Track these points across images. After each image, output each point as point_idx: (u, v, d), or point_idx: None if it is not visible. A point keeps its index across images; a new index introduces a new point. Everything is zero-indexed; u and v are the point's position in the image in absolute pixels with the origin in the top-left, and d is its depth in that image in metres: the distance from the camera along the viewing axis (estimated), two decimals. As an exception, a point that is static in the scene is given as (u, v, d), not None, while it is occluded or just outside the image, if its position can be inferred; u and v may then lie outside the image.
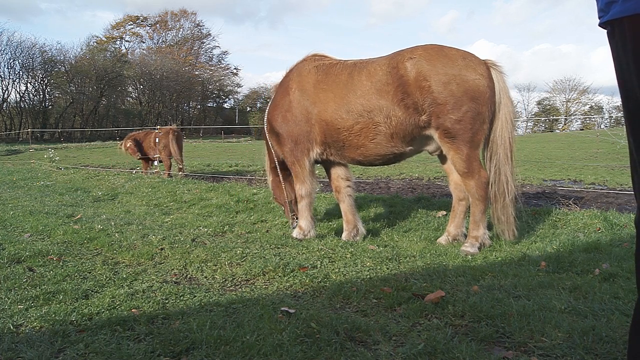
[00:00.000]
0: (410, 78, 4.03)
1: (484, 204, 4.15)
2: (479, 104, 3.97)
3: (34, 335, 2.39)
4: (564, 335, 2.27)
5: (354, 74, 4.33)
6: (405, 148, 4.31)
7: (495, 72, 4.11)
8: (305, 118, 4.57)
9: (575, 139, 31.91)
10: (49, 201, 7.29)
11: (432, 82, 3.96)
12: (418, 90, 4.01)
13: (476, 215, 4.17)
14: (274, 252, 3.97)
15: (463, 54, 4.09)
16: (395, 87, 4.09)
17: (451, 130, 3.99)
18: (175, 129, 11.96)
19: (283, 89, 4.79)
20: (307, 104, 4.54)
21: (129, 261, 3.86)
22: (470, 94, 3.94)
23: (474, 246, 4.10)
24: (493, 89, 4.06)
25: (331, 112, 4.39)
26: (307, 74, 4.62)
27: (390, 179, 11.20)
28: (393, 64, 4.16)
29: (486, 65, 4.10)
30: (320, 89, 4.48)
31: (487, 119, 4.06)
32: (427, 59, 4.02)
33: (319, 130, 4.52)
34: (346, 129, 4.34)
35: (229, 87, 71.12)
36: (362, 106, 4.23)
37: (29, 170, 13.26)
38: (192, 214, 6.36)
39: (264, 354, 2.15)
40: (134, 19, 64.56)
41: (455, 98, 3.93)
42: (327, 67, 4.56)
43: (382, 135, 4.23)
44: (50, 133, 44.50)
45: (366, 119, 4.23)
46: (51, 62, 46.58)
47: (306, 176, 4.74)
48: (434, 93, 3.96)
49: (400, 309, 2.72)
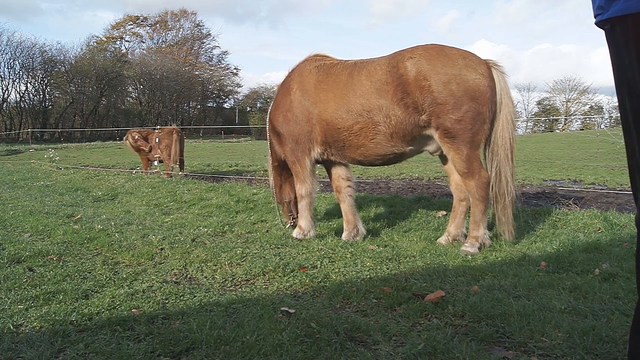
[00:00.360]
0: (410, 77, 4.03)
1: (484, 204, 4.14)
2: (479, 104, 3.96)
3: (34, 335, 2.39)
4: (564, 335, 2.27)
5: (354, 74, 4.33)
6: (405, 148, 4.31)
7: (496, 72, 4.10)
8: (306, 118, 4.58)
9: (575, 139, 31.90)
10: (49, 201, 7.29)
11: (432, 82, 3.95)
12: (418, 90, 4.00)
13: (476, 216, 4.16)
14: (274, 252, 3.97)
15: (463, 54, 4.08)
16: (395, 87, 4.09)
17: (451, 130, 3.98)
18: (178, 129, 11.95)
19: (284, 89, 4.81)
20: (307, 104, 4.55)
21: (129, 261, 3.86)
22: (470, 93, 3.93)
23: (474, 246, 4.10)
24: (494, 88, 4.05)
25: (331, 111, 4.39)
26: (308, 74, 4.63)
27: (390, 179, 11.20)
28: (393, 64, 4.16)
29: (487, 65, 4.09)
30: (321, 89, 4.49)
31: (488, 119, 4.05)
32: (427, 59, 4.02)
33: (320, 130, 4.52)
34: (346, 128, 4.34)
35: (229, 87, 71.09)
36: (361, 106, 4.23)
37: (29, 170, 13.26)
38: (192, 214, 6.36)
39: (264, 354, 2.15)
40: (134, 19, 64.54)
41: (455, 98, 3.92)
42: (328, 67, 4.57)
43: (381, 135, 4.23)
44: (50, 133, 44.48)
45: (366, 119, 4.24)
46: (51, 62, 46.54)
47: (307, 176, 4.75)
48: (434, 93, 3.96)
49: (400, 309, 2.72)
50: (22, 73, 44.98)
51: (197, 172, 12.73)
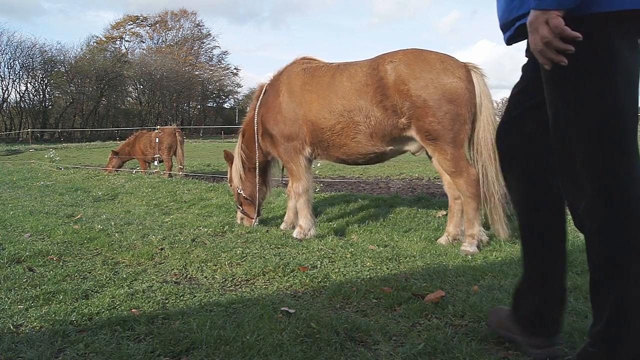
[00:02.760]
0: (390, 81, 4.20)
1: (476, 201, 4.19)
2: (457, 106, 4.10)
3: (34, 335, 2.39)
4: (563, 335, 2.27)
5: (336, 76, 4.53)
6: (385, 148, 4.49)
7: (475, 75, 4.23)
8: (294, 119, 4.75)
9: (575, 139, 31.87)
10: (49, 201, 7.29)
11: (411, 86, 4.12)
12: (397, 94, 4.17)
13: (469, 213, 4.22)
14: (274, 252, 3.98)
15: (441, 58, 4.24)
16: (375, 89, 4.26)
17: (432, 132, 4.13)
18: (179, 130, 11.96)
19: (274, 92, 4.97)
20: (294, 105, 4.74)
21: (129, 261, 3.85)
22: (447, 96, 4.09)
23: (473, 245, 4.13)
24: (472, 91, 4.18)
25: (315, 112, 4.58)
26: (295, 77, 4.82)
27: (390, 179, 11.20)
28: (374, 66, 4.34)
29: (465, 69, 4.23)
30: (306, 90, 4.67)
31: (468, 120, 4.18)
32: (406, 63, 4.20)
33: (307, 130, 4.70)
34: (329, 128, 4.53)
35: (229, 87, 71.10)
36: (342, 106, 4.42)
37: (29, 170, 13.26)
38: (192, 214, 6.36)
39: (264, 354, 2.15)
40: (133, 19, 64.50)
41: (433, 101, 4.08)
42: (313, 70, 4.77)
43: (362, 135, 4.42)
44: (50, 133, 44.47)
45: (347, 119, 4.42)
46: (51, 62, 46.57)
47: (302, 173, 4.89)
48: (412, 97, 4.12)
49: (400, 309, 2.72)
50: (22, 73, 45.01)
51: (197, 172, 12.74)
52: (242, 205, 5.58)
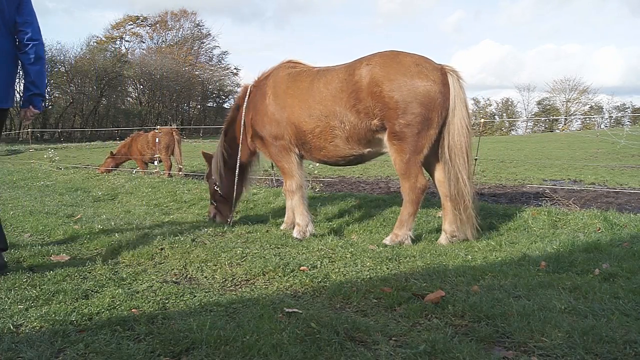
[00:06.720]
0: (364, 84, 4.29)
1: (414, 207, 4.40)
2: (428, 110, 4.17)
3: (34, 335, 2.39)
4: (564, 335, 2.27)
5: (315, 81, 4.66)
6: (363, 150, 4.61)
7: (452, 78, 4.26)
8: (279, 120, 4.86)
9: (575, 139, 31.91)
10: (49, 201, 7.28)
11: (384, 88, 4.20)
12: (370, 96, 4.27)
13: (404, 215, 4.43)
14: (274, 252, 3.98)
15: (417, 61, 4.30)
16: (349, 94, 4.38)
17: (399, 133, 4.22)
18: (176, 130, 11.96)
19: (261, 94, 5.07)
20: (279, 108, 4.85)
21: (129, 261, 3.85)
22: (420, 99, 4.15)
23: (393, 242, 4.36)
24: (445, 94, 4.23)
25: (297, 115, 4.72)
26: (280, 80, 4.94)
27: (390, 179, 11.20)
28: (350, 71, 4.45)
29: (441, 72, 4.27)
30: (289, 94, 4.80)
31: (436, 125, 4.25)
32: (381, 66, 4.28)
33: (291, 132, 4.83)
34: (309, 131, 4.67)
35: (229, 87, 71.02)
36: (320, 111, 4.56)
37: (29, 170, 13.25)
38: (192, 214, 6.36)
39: (264, 354, 2.15)
40: (133, 19, 64.42)
41: (406, 103, 4.15)
42: (296, 74, 4.88)
43: (339, 139, 4.56)
44: (50, 133, 44.50)
45: (324, 123, 4.56)
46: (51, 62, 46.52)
47: (294, 170, 4.98)
48: (385, 98, 4.20)
49: (400, 309, 2.72)
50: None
51: (197, 172, 12.73)
52: (217, 202, 5.62)
